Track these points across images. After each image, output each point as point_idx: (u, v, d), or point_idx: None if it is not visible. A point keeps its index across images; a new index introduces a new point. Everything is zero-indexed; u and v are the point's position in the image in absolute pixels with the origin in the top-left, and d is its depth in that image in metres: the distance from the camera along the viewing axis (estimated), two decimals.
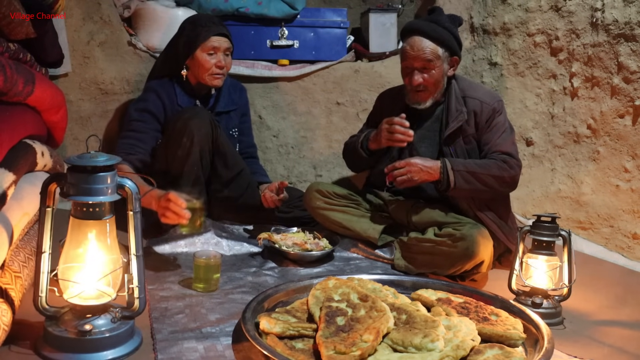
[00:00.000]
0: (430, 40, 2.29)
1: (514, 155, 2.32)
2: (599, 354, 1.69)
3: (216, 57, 2.57)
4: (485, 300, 1.83)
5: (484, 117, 2.33)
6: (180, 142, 2.41)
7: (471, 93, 2.39)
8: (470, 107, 2.35)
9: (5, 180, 1.65)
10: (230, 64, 2.65)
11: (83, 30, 3.01)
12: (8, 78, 1.87)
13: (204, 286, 2.01)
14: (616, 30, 2.69)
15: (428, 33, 2.29)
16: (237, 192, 2.60)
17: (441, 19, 2.34)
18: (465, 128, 2.35)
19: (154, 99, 2.57)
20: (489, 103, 2.34)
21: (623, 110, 2.71)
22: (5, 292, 1.52)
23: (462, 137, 2.36)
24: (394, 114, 2.36)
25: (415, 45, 2.30)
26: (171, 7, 3.17)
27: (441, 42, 2.30)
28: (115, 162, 1.47)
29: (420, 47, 2.29)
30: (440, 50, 2.30)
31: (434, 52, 2.29)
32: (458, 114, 2.35)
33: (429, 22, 2.33)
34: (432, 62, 2.29)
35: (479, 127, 2.35)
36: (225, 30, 2.61)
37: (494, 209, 2.32)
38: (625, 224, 2.69)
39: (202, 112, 2.49)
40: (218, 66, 2.57)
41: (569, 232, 1.94)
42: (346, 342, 1.44)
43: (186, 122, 2.42)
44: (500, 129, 2.34)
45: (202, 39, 2.55)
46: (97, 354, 1.48)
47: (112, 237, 1.54)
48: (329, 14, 3.36)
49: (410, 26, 2.36)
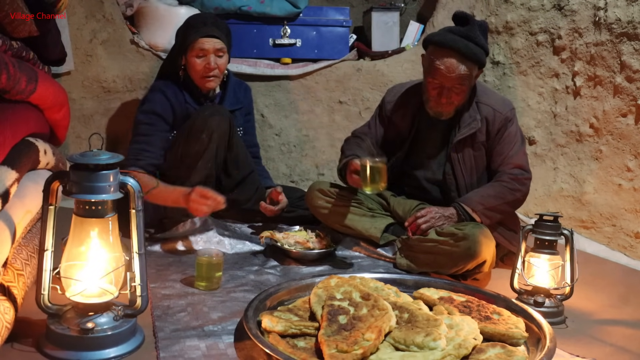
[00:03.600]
0: (467, 61, 2.18)
1: (525, 167, 2.32)
2: (601, 353, 1.69)
3: (205, 59, 2.50)
4: (488, 299, 1.83)
5: (497, 126, 2.31)
6: (199, 138, 2.41)
7: (484, 99, 2.35)
8: (483, 113, 2.32)
9: (8, 178, 1.65)
10: (223, 65, 2.57)
11: (86, 28, 3.01)
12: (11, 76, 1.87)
13: (206, 284, 2.01)
14: (619, 29, 2.69)
15: (466, 55, 2.17)
16: (247, 195, 2.60)
17: (476, 34, 2.19)
18: (476, 135, 2.33)
19: (160, 99, 2.53)
20: (502, 112, 2.32)
21: (626, 109, 2.70)
22: (7, 289, 1.52)
23: (472, 143, 2.34)
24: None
25: (452, 67, 2.17)
26: (174, 5, 3.17)
27: (476, 61, 2.20)
28: (117, 160, 1.47)
29: (456, 70, 2.17)
30: (475, 69, 2.23)
31: (468, 73, 2.20)
32: (471, 120, 2.32)
33: (465, 39, 2.18)
34: (465, 82, 2.22)
35: (490, 136, 2.33)
36: (216, 31, 2.52)
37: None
38: (628, 223, 2.69)
39: (222, 110, 2.49)
40: (207, 69, 2.51)
41: (572, 231, 1.94)
42: (348, 341, 1.44)
43: (206, 119, 2.41)
44: (512, 140, 2.32)
45: (189, 41, 2.50)
46: (100, 352, 1.48)
47: (115, 235, 1.54)
48: (331, 13, 3.36)
49: (445, 42, 2.19)
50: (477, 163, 2.37)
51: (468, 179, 2.38)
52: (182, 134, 2.48)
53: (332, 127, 3.33)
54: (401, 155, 2.46)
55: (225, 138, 2.47)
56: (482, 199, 2.27)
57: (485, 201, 2.26)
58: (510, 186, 2.28)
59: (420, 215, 2.29)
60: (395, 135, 2.48)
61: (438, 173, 2.43)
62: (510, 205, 2.31)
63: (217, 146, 2.44)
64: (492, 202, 2.26)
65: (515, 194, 2.29)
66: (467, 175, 2.38)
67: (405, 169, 2.50)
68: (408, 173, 2.50)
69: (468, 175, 2.38)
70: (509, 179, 2.29)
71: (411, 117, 2.42)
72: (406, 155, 2.46)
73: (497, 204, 2.26)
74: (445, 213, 2.28)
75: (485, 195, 2.28)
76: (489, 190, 2.30)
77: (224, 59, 2.56)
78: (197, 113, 2.48)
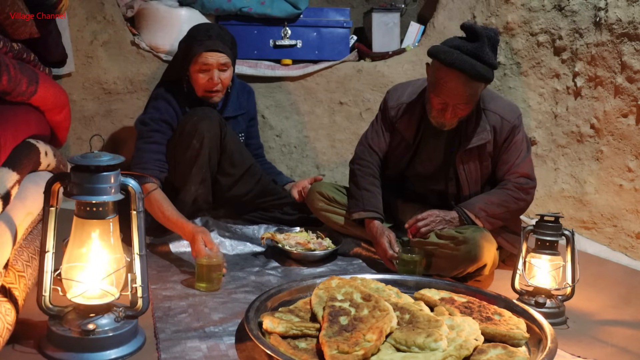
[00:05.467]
0: (473, 81, 2.07)
1: (531, 176, 2.29)
2: (602, 354, 1.69)
3: (209, 74, 2.44)
4: (489, 300, 1.83)
5: (504, 135, 2.26)
6: (190, 144, 2.38)
7: (491, 106, 2.27)
8: (490, 122, 2.26)
9: (9, 180, 1.65)
10: (227, 79, 2.50)
11: (86, 30, 3.01)
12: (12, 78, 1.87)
13: (206, 286, 2.01)
14: (620, 29, 2.69)
15: (473, 77, 2.05)
16: (246, 189, 2.58)
17: (485, 51, 2.06)
18: (485, 146, 2.27)
19: (166, 107, 2.49)
20: (510, 120, 2.25)
21: (626, 110, 2.70)
22: (9, 291, 1.52)
23: (479, 153, 2.29)
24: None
25: (457, 88, 2.08)
26: (174, 6, 3.17)
27: (486, 81, 2.10)
28: (118, 161, 1.47)
29: (462, 91, 2.09)
30: (481, 86, 2.14)
31: (475, 92, 2.12)
32: (481, 131, 2.25)
33: (474, 58, 2.05)
34: (470, 101, 2.14)
35: (497, 145, 2.28)
36: (220, 45, 2.44)
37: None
38: (629, 224, 2.69)
39: (211, 113, 2.44)
40: (210, 84, 2.45)
41: (573, 232, 1.94)
42: (349, 342, 1.44)
43: (196, 124, 2.38)
44: (519, 148, 2.27)
45: (192, 54, 2.43)
46: (101, 353, 1.48)
47: (116, 236, 1.54)
48: (331, 14, 3.36)
49: (451, 63, 2.05)
50: (483, 173, 2.33)
51: (473, 188, 2.34)
52: (173, 139, 2.45)
53: (332, 128, 3.33)
54: (405, 162, 2.42)
55: (217, 141, 2.43)
56: (485, 205, 2.24)
57: (488, 208, 2.24)
58: (515, 195, 2.25)
59: (421, 217, 2.28)
60: (399, 141, 2.42)
61: (442, 182, 2.39)
62: (513, 213, 2.29)
63: (209, 151, 2.41)
64: (495, 210, 2.24)
65: (519, 203, 2.26)
66: (472, 185, 2.33)
67: (408, 176, 2.48)
68: (411, 180, 2.48)
69: (473, 184, 2.34)
70: (514, 187, 2.26)
71: (416, 124, 2.35)
72: (409, 162, 2.42)
73: (500, 212, 2.24)
74: (447, 217, 2.26)
75: (489, 202, 2.25)
76: (493, 197, 2.26)
77: (227, 73, 2.49)
78: (186, 117, 2.44)
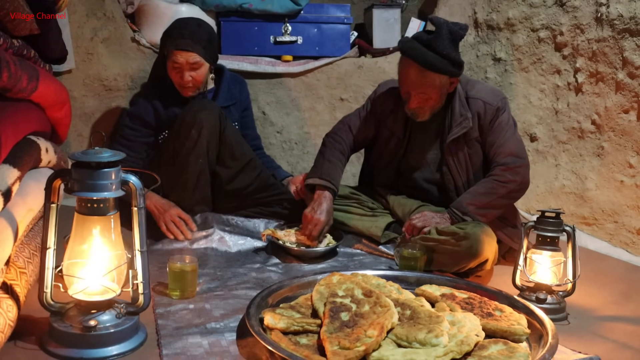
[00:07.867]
0: (426, 71, 2.17)
1: (519, 154, 2.28)
2: (603, 350, 1.69)
3: (179, 72, 2.51)
4: (490, 296, 1.83)
5: (488, 118, 2.29)
6: (189, 134, 2.42)
7: (474, 93, 2.32)
8: (473, 109, 2.30)
9: (10, 177, 1.65)
10: (201, 76, 2.54)
11: (86, 26, 3.01)
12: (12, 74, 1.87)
13: (179, 293, 1.88)
14: (621, 25, 2.68)
15: (424, 65, 2.16)
16: (246, 182, 2.58)
17: (440, 43, 2.15)
18: (469, 133, 2.31)
19: (143, 104, 2.61)
20: (492, 104, 2.29)
21: (628, 106, 2.70)
22: (10, 287, 1.52)
23: (466, 141, 2.32)
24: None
25: (411, 76, 2.20)
26: (174, 3, 3.17)
27: (439, 71, 2.18)
28: (119, 158, 1.47)
29: (415, 79, 2.20)
30: (438, 79, 2.20)
31: (432, 82, 2.19)
32: (462, 119, 2.29)
33: (428, 49, 2.15)
34: (429, 90, 2.21)
35: (482, 129, 2.31)
36: (191, 45, 2.47)
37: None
38: (630, 220, 2.69)
39: (210, 105, 2.50)
40: (182, 82, 2.52)
41: (573, 228, 1.93)
42: (350, 338, 1.44)
43: (195, 114, 2.43)
44: (504, 128, 2.29)
45: (165, 51, 2.53)
46: (102, 350, 1.48)
47: (117, 232, 1.54)
48: (332, 10, 3.36)
49: (404, 51, 2.20)
50: (473, 160, 2.35)
51: (465, 176, 2.37)
52: (173, 131, 2.50)
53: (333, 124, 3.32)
54: (398, 156, 2.46)
55: (216, 132, 2.47)
56: (472, 199, 2.24)
57: (476, 200, 2.23)
58: (502, 179, 2.24)
59: (415, 217, 2.28)
60: (389, 137, 2.47)
61: (435, 173, 2.42)
62: (505, 198, 2.26)
63: (207, 141, 2.44)
64: (484, 200, 2.23)
65: (507, 185, 2.24)
66: (463, 173, 2.36)
67: (402, 169, 2.50)
68: (405, 174, 2.50)
69: (464, 173, 2.36)
70: (501, 170, 2.25)
71: (403, 119, 2.41)
72: (403, 156, 2.46)
73: (489, 200, 2.23)
74: (438, 219, 2.26)
75: (475, 195, 2.25)
76: (479, 188, 2.27)
77: (200, 71, 2.53)
78: (186, 109, 2.49)
